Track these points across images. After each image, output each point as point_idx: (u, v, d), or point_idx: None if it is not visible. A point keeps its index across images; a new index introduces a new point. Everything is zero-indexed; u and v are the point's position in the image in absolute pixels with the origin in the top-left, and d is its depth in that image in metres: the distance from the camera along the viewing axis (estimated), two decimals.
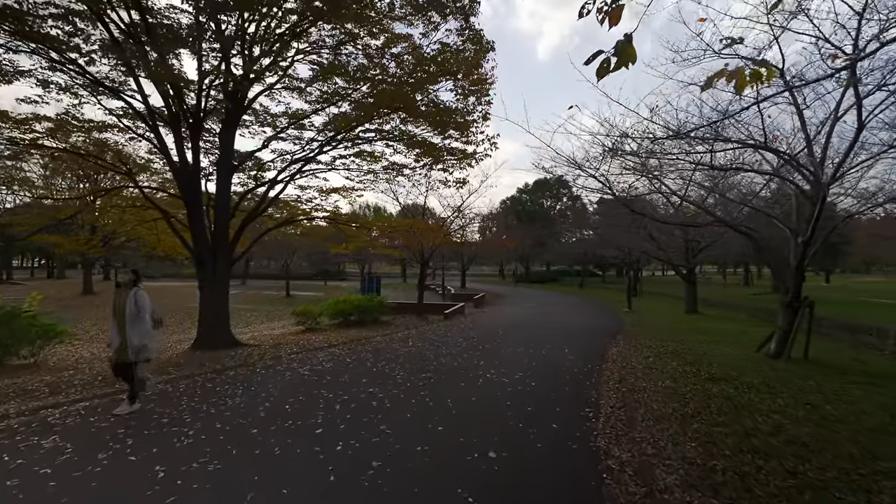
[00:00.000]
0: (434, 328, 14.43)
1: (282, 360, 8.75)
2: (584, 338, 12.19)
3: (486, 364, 8.38)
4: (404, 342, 11.20)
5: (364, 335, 13.03)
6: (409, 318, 18.02)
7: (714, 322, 16.14)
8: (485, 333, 12.81)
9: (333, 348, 10.30)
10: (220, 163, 10.72)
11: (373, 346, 10.49)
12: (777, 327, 8.61)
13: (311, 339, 12.55)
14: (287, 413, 5.30)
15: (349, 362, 8.47)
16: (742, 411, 5.44)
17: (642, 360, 9.10)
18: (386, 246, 16.81)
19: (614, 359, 9.37)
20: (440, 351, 9.77)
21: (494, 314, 19.29)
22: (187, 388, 6.47)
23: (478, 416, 5.30)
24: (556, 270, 57.31)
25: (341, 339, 12.24)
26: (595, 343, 11.41)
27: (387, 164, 12.74)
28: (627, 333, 13.33)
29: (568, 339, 11.75)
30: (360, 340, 11.66)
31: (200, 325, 10.43)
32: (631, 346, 10.99)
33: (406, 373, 7.53)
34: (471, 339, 11.75)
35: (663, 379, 7.24)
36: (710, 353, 9.56)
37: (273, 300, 29.31)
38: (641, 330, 14.01)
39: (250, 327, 18.24)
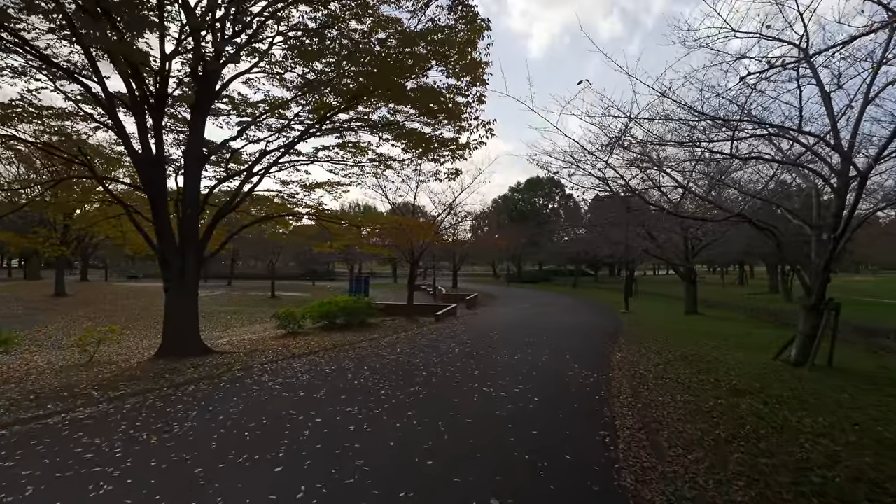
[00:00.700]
0: (424, 331, 13.57)
1: (252, 370, 7.81)
2: (584, 342, 11.42)
3: (482, 374, 7.53)
4: (392, 348, 10.31)
5: (349, 340, 12.12)
6: (399, 320, 17.12)
7: (715, 323, 15.50)
8: (478, 337, 11.98)
9: (313, 356, 9.37)
10: (188, 152, 9.73)
11: (357, 354, 9.58)
12: (798, 332, 7.90)
13: (292, 344, 11.60)
14: (244, 443, 4.39)
15: (328, 373, 7.55)
16: (783, 434, 4.67)
17: (651, 367, 8.33)
18: (374, 245, 15.90)
19: (620, 366, 8.59)
20: (430, 359, 8.90)
21: (487, 316, 18.48)
22: (133, 408, 5.52)
23: (474, 444, 4.45)
24: (548, 270, 56.75)
25: (324, 344, 11.32)
26: (597, 347, 10.64)
27: (373, 156, 11.85)
28: (629, 336, 12.59)
29: (567, 344, 10.97)
30: (344, 346, 10.75)
31: (165, 331, 9.44)
32: (635, 350, 10.23)
33: (391, 386, 6.65)
34: (463, 343, 10.91)
35: (680, 391, 6.45)
36: (722, 359, 8.82)
37: (257, 301, 28.19)
38: (642, 332, 13.29)
39: (229, 331, 17.20)
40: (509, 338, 11.86)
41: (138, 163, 8.93)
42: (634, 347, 10.65)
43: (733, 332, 13.38)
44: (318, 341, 11.98)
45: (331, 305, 15.34)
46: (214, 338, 15.20)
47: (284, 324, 14.63)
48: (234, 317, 21.45)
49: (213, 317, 21.01)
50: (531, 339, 11.61)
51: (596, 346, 10.75)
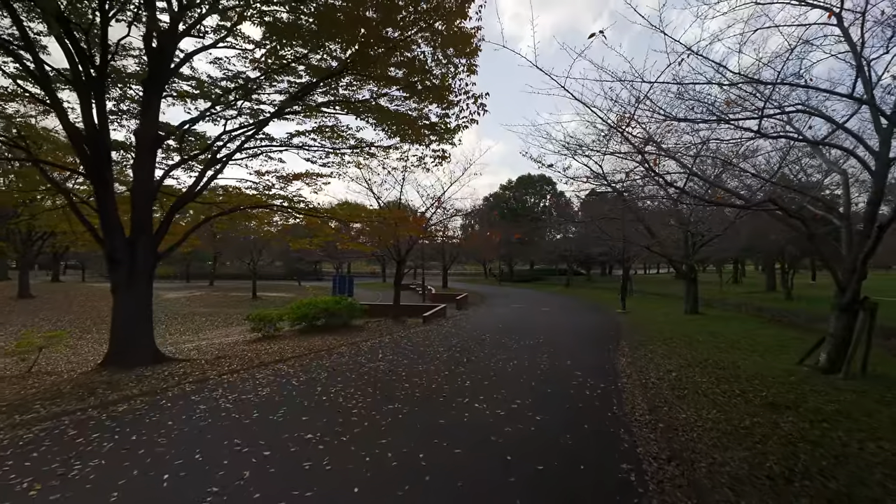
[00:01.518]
0: (411, 334, 12.53)
1: (207, 383, 6.69)
2: (584, 344, 10.48)
3: (474, 385, 6.53)
4: (373, 354, 9.25)
5: (328, 344, 11.04)
6: (384, 321, 16.06)
7: (719, 323, 14.69)
8: (469, 340, 10.98)
9: (282, 364, 8.28)
10: (140, 133, 8.56)
11: (332, 361, 8.51)
12: (828, 334, 7.02)
13: (263, 350, 10.49)
14: (157, 493, 3.32)
15: (294, 386, 6.48)
16: (848, 465, 3.73)
17: (663, 374, 7.41)
18: (356, 241, 14.81)
19: (628, 373, 7.65)
20: (415, 366, 7.87)
21: (479, 316, 17.49)
22: (34, 439, 4.39)
23: (465, 489, 3.43)
24: (539, 269, 56.04)
25: (299, 349, 10.22)
26: (599, 351, 9.71)
27: (354, 142, 10.77)
28: (630, 338, 11.69)
29: (566, 347, 10.02)
30: (321, 352, 9.66)
31: (113, 338, 8.27)
32: (641, 354, 9.32)
33: (367, 403, 5.60)
34: (453, 348, 9.90)
35: (706, 406, 5.51)
36: (741, 364, 7.93)
37: (237, 302, 26.86)
38: (644, 334, 12.40)
39: (200, 335, 15.98)
40: (503, 341, 10.87)
41: (76, 143, 7.75)
42: (639, 351, 9.74)
43: (740, 332, 12.55)
44: (294, 346, 10.88)
45: (310, 307, 14.23)
46: (182, 342, 13.99)
47: (258, 327, 13.50)
48: (209, 319, 20.17)
49: (187, 319, 19.73)
50: (527, 342, 10.65)
51: (597, 350, 9.82)
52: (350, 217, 11.82)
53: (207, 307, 24.59)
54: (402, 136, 9.68)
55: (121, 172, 11.01)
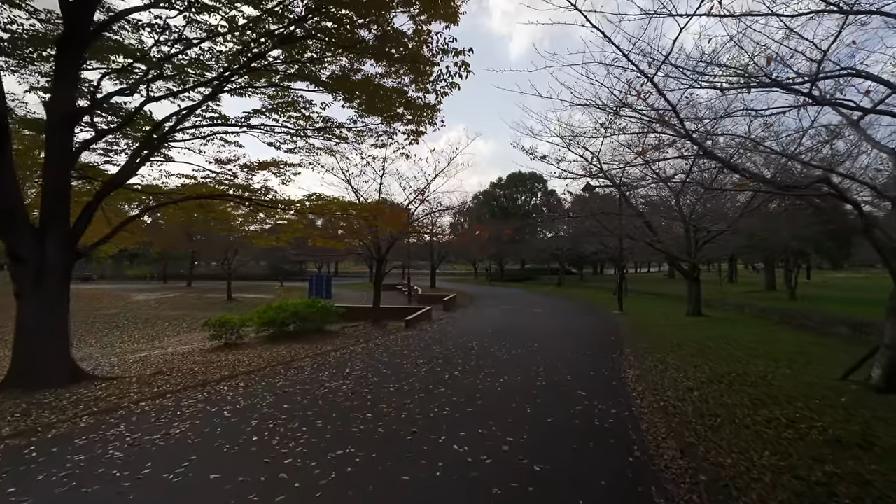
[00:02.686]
0: (389, 342, 11.16)
1: (114, 414, 5.25)
2: (583, 353, 9.21)
3: (454, 414, 5.19)
4: (339, 368, 7.86)
5: (292, 354, 9.64)
6: (363, 326, 14.66)
7: (726, 326, 13.57)
8: (454, 350, 9.65)
9: (225, 384, 6.85)
10: (51, 106, 7.07)
11: (288, 379, 7.10)
12: (883, 346, 5.82)
13: (216, 362, 9.07)
14: None
15: (225, 418, 5.08)
16: None
17: (683, 393, 6.16)
18: (330, 238, 13.38)
19: (641, 392, 6.39)
20: (385, 386, 6.51)
21: (467, 320, 16.17)
22: None
23: None
24: (530, 269, 55.02)
25: (257, 361, 8.82)
26: (601, 362, 8.45)
27: (322, 122, 9.37)
28: (634, 344, 10.47)
29: (565, 357, 8.74)
30: (279, 365, 8.25)
31: (14, 353, 6.76)
32: (650, 366, 8.09)
33: (311, 446, 4.23)
34: (434, 359, 8.55)
35: (751, 442, 4.25)
36: (773, 380, 6.70)
37: (210, 304, 25.20)
38: (649, 339, 11.19)
39: (155, 342, 14.43)
40: (492, 350, 9.56)
41: None
42: (647, 361, 8.51)
43: (753, 337, 11.40)
44: (252, 357, 9.46)
45: (278, 311, 12.78)
46: (131, 353, 12.46)
47: (218, 334, 12.02)
48: (173, 324, 18.55)
49: (149, 324, 18.11)
50: (519, 351, 9.35)
51: (599, 360, 8.55)
52: (318, 210, 10.40)
53: (176, 310, 22.91)
54: (373, 112, 8.30)
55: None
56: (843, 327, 11.68)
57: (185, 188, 10.45)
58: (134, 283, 44.62)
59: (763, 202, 12.81)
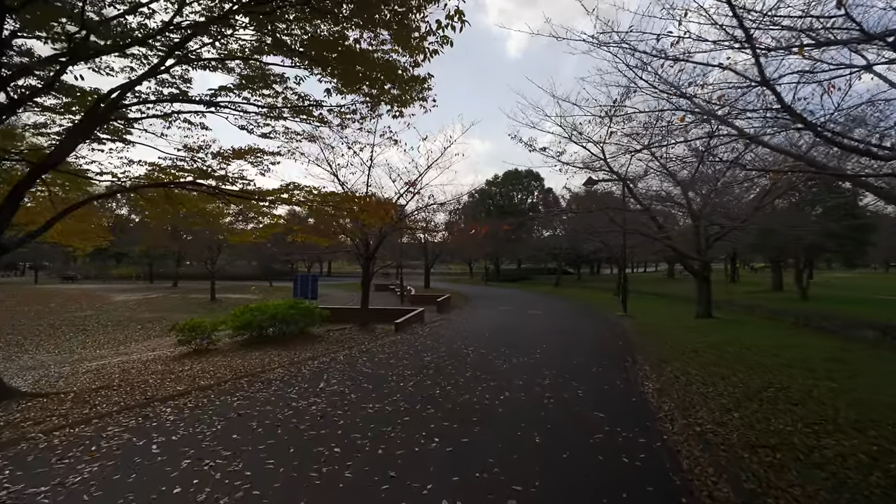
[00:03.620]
0: (376, 347, 10.08)
1: (12, 447, 4.14)
2: (593, 362, 8.18)
3: (445, 446, 4.13)
4: (313, 382, 6.77)
5: (264, 363, 8.55)
6: (349, 329, 13.57)
7: (741, 330, 12.61)
8: (448, 357, 8.59)
9: (175, 402, 5.73)
10: None
11: (249, 396, 6.00)
12: None
13: (177, 373, 7.96)
14: None
15: (150, 456, 3.97)
16: None
17: (720, 414, 5.15)
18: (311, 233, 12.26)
19: (668, 412, 5.36)
20: (364, 407, 5.44)
21: (462, 322, 15.12)
22: None
23: None
24: (527, 269, 54.12)
25: (222, 372, 7.72)
26: (613, 371, 7.43)
27: (296, 99, 8.26)
28: (646, 351, 9.47)
29: (572, 367, 7.71)
30: (244, 378, 7.14)
31: None
32: (671, 377, 7.08)
33: (254, 498, 3.15)
34: (424, 369, 7.48)
35: (841, 496, 3.22)
36: (820, 396, 5.70)
37: (193, 305, 23.96)
38: (661, 345, 10.19)
39: (122, 349, 13.26)
40: (490, 358, 8.50)
41: None
42: (666, 371, 7.50)
43: (775, 342, 10.42)
44: (219, 367, 8.37)
45: (255, 313, 11.66)
46: (89, 360, 11.28)
47: (188, 339, 10.90)
48: (147, 326, 17.34)
49: (120, 327, 16.90)
50: (520, 359, 8.30)
51: (612, 371, 7.52)
52: (295, 200, 9.30)
53: (155, 312, 21.67)
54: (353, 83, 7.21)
55: None
56: (870, 331, 10.75)
57: (146, 177, 9.29)
58: (119, 283, 43.14)
59: (783, 193, 11.82)
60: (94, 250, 47.27)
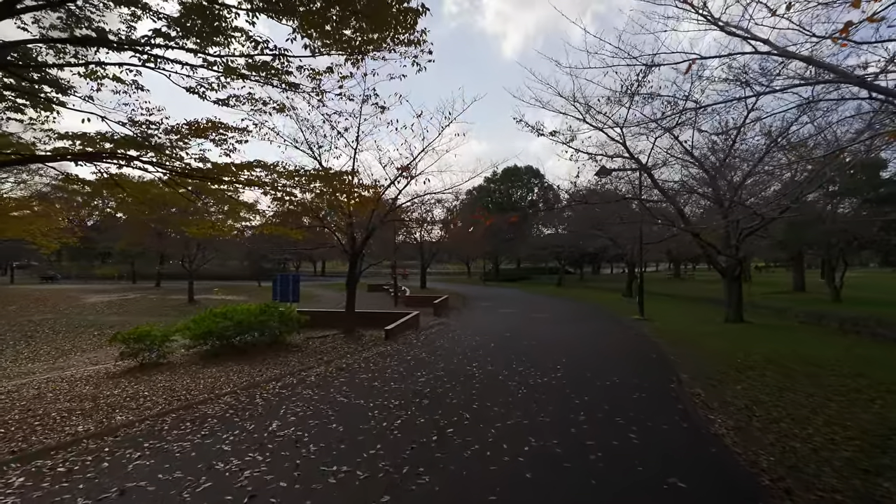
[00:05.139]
0: (360, 361, 8.29)
1: None
2: (629, 381, 6.41)
3: None
4: (262, 423, 4.96)
5: (217, 386, 6.76)
6: (333, 337, 11.76)
7: (786, 338, 10.88)
8: (446, 377, 6.80)
9: (41, 463, 3.92)
10: None
11: (159, 450, 4.19)
12: None
13: (100, 398, 6.19)
14: None
15: None
16: None
17: (858, 481, 3.41)
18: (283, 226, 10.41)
19: (775, 477, 3.61)
20: (322, 471, 3.64)
21: (462, 328, 13.34)
22: None
23: None
24: (527, 268, 52.46)
25: (153, 400, 5.93)
26: (662, 398, 5.68)
27: (250, 48, 6.45)
28: (688, 366, 7.73)
29: (605, 390, 5.95)
30: (176, 413, 5.34)
31: None
32: (737, 404, 5.38)
33: None
34: (417, 398, 5.69)
35: None
36: None
37: (168, 307, 22.05)
38: (701, 357, 8.45)
39: (61, 360, 11.40)
40: (501, 379, 6.71)
41: None
42: (729, 397, 5.76)
43: (836, 352, 8.71)
44: (157, 390, 6.57)
45: (218, 319, 9.84)
46: (15, 375, 9.41)
47: (133, 351, 9.07)
48: (107, 332, 15.42)
49: (74, 333, 15.04)
50: (539, 380, 6.53)
51: (661, 398, 5.76)
52: (256, 181, 7.51)
53: (124, 315, 19.78)
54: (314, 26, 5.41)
55: None
56: None
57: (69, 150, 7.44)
58: (101, 283, 41.05)
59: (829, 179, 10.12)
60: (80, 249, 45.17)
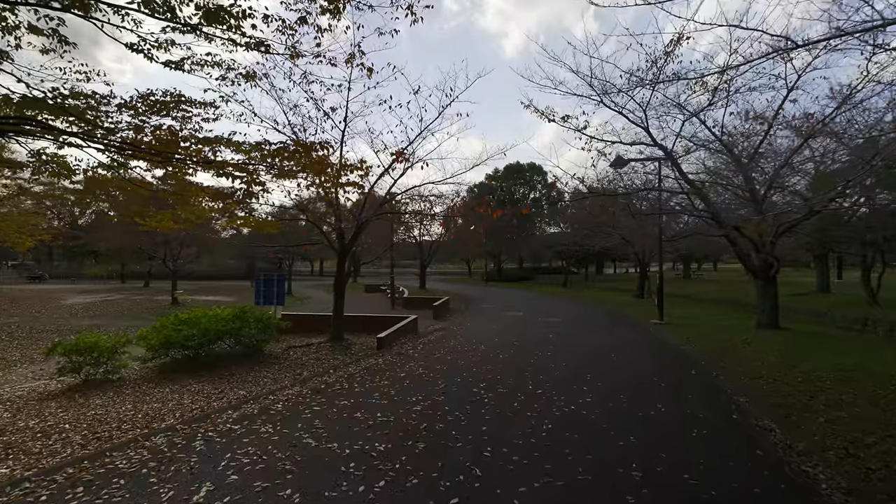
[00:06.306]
0: (343, 380, 6.88)
1: None
2: (680, 412, 5.00)
3: None
4: (186, 488, 3.56)
5: (160, 415, 5.36)
6: (319, 345, 10.35)
7: (839, 348, 9.47)
8: (450, 406, 5.38)
9: None
10: None
11: None
12: None
13: (3, 433, 4.74)
14: None
15: None
16: None
17: None
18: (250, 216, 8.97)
19: None
20: None
21: (466, 334, 11.93)
22: None
23: None
24: (530, 268, 51.08)
25: (70, 437, 4.52)
26: (732, 438, 4.26)
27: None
28: (741, 386, 6.34)
29: (655, 426, 4.54)
30: (69, 467, 3.93)
31: None
32: (839, 452, 3.97)
33: None
34: (408, 437, 4.27)
35: None
36: None
37: (148, 311, 20.60)
38: (750, 374, 7.05)
39: (1, 373, 9.98)
40: (513, 405, 5.28)
41: None
42: (816, 436, 4.36)
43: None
44: (79, 421, 5.19)
45: (179, 327, 8.43)
46: None
47: (75, 366, 7.66)
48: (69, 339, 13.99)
49: (32, 339, 13.66)
50: (560, 407, 5.11)
51: (730, 438, 4.35)
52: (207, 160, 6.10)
53: (100, 318, 18.37)
54: None
55: None
56: None
57: None
58: (91, 283, 39.61)
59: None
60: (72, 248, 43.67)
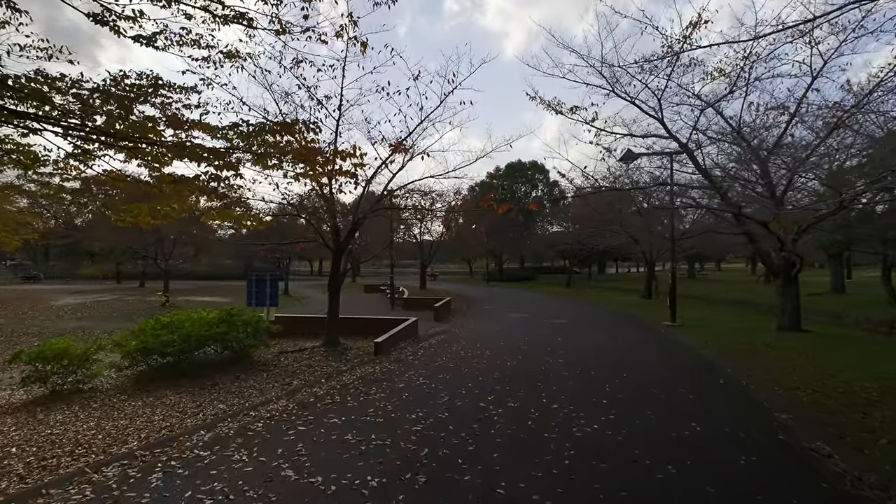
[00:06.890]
0: (335, 392, 6.20)
1: None
2: (710, 429, 4.32)
3: None
4: None
5: (126, 437, 4.68)
6: (312, 350, 9.67)
7: (872, 350, 8.80)
8: (451, 419, 4.69)
9: None
10: None
11: None
12: None
13: None
14: None
15: None
16: None
17: None
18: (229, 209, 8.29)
19: None
20: None
21: (469, 338, 11.25)
22: None
23: None
24: (532, 267, 50.42)
25: (14, 465, 3.82)
26: (781, 470, 3.57)
27: None
28: (780, 401, 5.67)
29: (679, 444, 3.86)
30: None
31: None
32: None
33: None
34: (406, 468, 3.59)
35: None
36: None
37: (140, 312, 19.89)
38: (786, 385, 6.38)
39: None
40: (527, 423, 4.59)
41: None
42: (886, 463, 3.66)
43: None
44: (33, 442, 4.50)
45: (159, 332, 7.74)
46: None
47: (42, 375, 6.99)
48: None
49: (16, 341, 13.03)
50: (581, 426, 4.41)
51: (779, 469, 3.66)
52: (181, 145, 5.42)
53: (88, 320, 17.71)
54: None
55: None
56: None
57: None
58: (86, 283, 38.93)
59: None
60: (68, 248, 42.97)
